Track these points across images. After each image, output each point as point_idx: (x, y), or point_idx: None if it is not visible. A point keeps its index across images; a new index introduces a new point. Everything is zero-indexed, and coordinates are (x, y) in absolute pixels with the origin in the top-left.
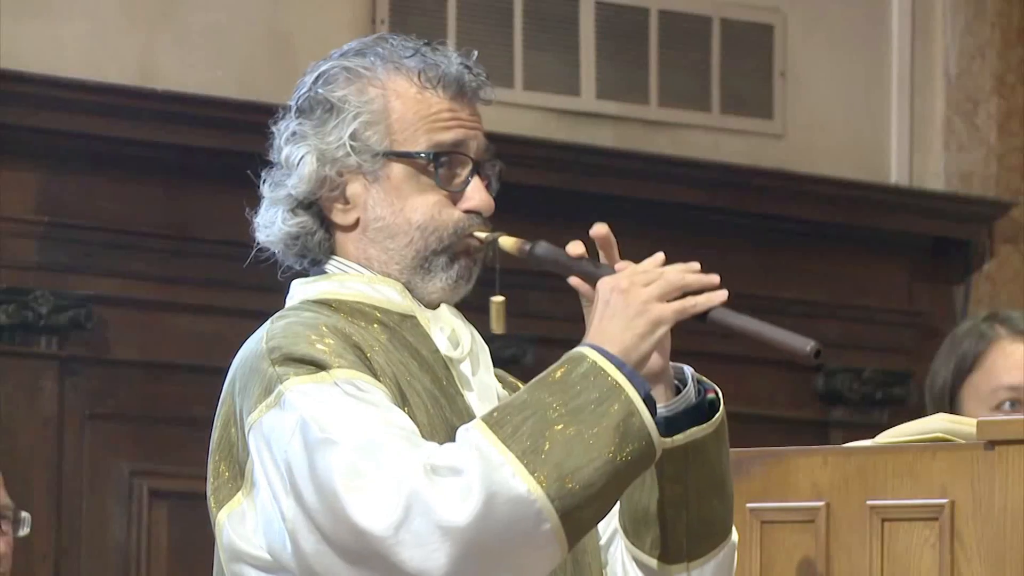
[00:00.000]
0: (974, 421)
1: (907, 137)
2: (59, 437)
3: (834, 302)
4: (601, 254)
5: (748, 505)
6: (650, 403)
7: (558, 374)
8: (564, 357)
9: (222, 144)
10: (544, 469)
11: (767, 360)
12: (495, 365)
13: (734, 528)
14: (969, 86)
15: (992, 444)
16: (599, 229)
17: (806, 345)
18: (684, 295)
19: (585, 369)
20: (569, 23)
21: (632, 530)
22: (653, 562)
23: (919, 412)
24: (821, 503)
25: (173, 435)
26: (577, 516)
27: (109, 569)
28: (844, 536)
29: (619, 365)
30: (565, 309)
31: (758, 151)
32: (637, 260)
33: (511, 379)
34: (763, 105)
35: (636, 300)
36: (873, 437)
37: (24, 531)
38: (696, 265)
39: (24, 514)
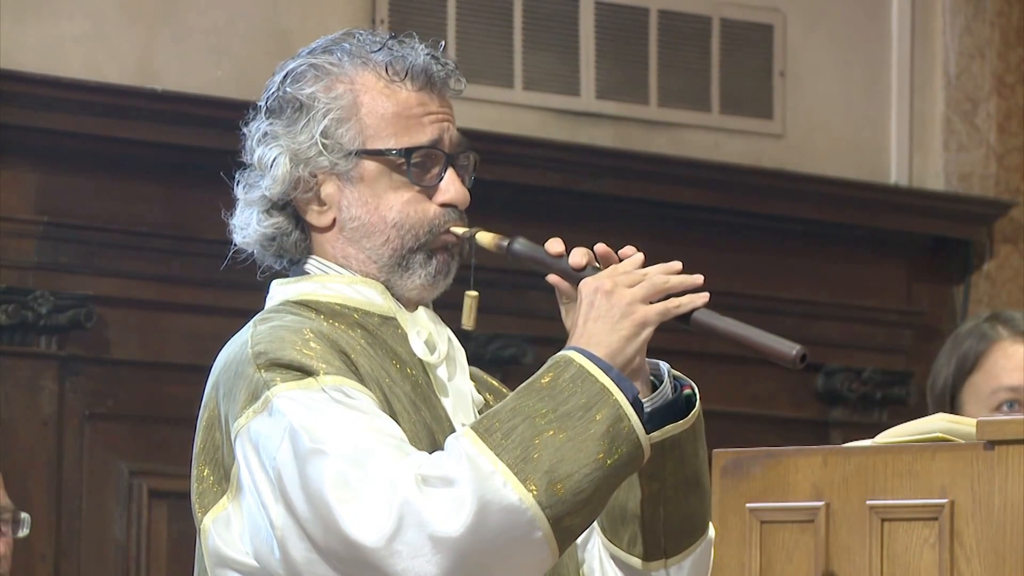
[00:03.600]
0: (974, 421)
1: (907, 137)
2: (59, 437)
3: (834, 302)
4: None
5: (748, 505)
6: (638, 406)
7: (545, 379)
8: (550, 361)
9: (222, 144)
10: (535, 477)
11: (767, 360)
12: (495, 365)
13: (711, 524)
14: (969, 86)
15: (992, 444)
16: (601, 247)
17: (791, 350)
18: (667, 296)
19: (572, 374)
20: (569, 23)
21: (609, 527)
22: (631, 559)
23: (919, 412)
24: (821, 503)
25: (173, 435)
26: (568, 522)
27: (109, 569)
28: (844, 536)
29: (606, 369)
30: None
31: (758, 151)
32: None
33: (487, 378)
34: (763, 105)
35: (621, 302)
36: (873, 437)
37: (24, 532)
38: (678, 265)
39: (24, 515)
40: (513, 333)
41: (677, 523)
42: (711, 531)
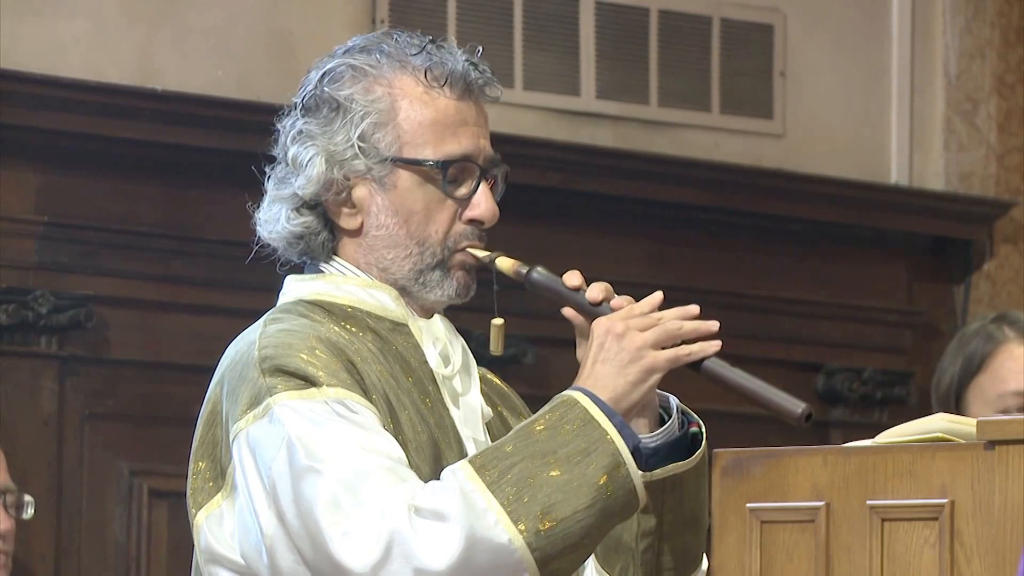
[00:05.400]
0: (974, 421)
1: (907, 137)
2: (59, 437)
3: (834, 302)
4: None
5: (748, 505)
6: (638, 455)
7: (548, 419)
8: (556, 400)
9: (222, 144)
10: (526, 519)
11: (767, 360)
12: (495, 365)
13: (704, 558)
14: (969, 86)
15: (992, 444)
16: (596, 292)
17: (797, 408)
18: (680, 342)
19: (575, 416)
20: (569, 23)
21: (603, 556)
22: None
23: (919, 412)
24: (821, 503)
25: (173, 435)
26: (554, 566)
27: (109, 569)
28: (844, 536)
29: (609, 415)
30: None
31: (758, 151)
32: (636, 259)
33: (497, 382)
34: (763, 105)
35: (631, 346)
36: (873, 437)
37: (28, 514)
38: (694, 309)
39: (27, 497)
40: (513, 333)
41: (671, 559)
42: (704, 564)
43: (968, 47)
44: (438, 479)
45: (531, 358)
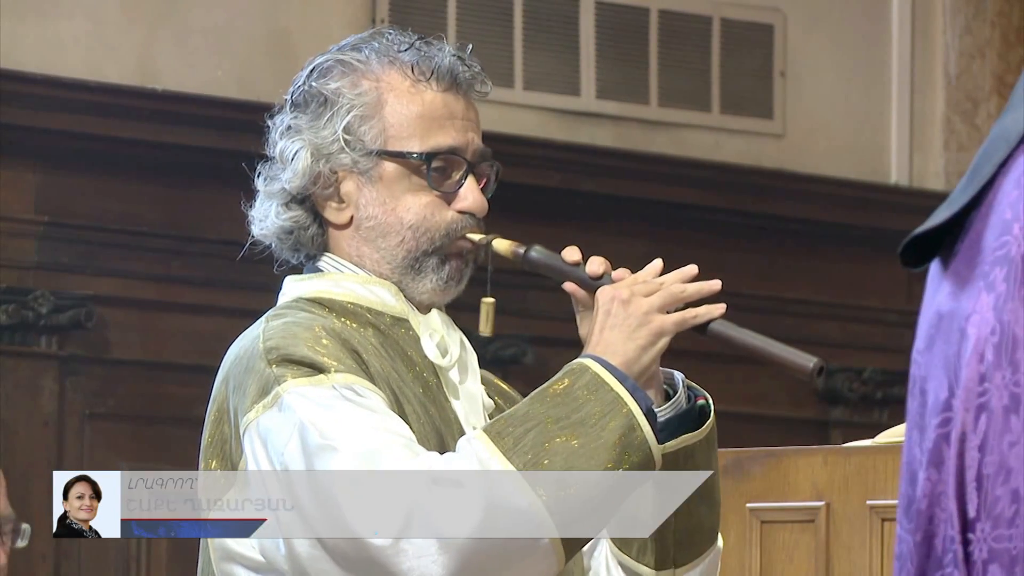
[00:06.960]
0: None
1: (907, 137)
2: (59, 437)
3: (834, 302)
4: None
5: (748, 505)
6: (651, 417)
7: (560, 386)
8: (566, 368)
9: (222, 144)
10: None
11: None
12: (495, 365)
13: (719, 535)
14: (969, 86)
15: None
16: (596, 265)
17: (808, 362)
18: (685, 305)
19: (587, 381)
20: (569, 23)
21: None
22: (640, 568)
23: None
24: (821, 503)
25: (173, 435)
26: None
27: (109, 569)
28: (844, 536)
29: (621, 378)
30: (565, 309)
31: (758, 151)
32: (636, 259)
33: (497, 381)
34: (763, 105)
35: (638, 311)
36: (873, 437)
37: (23, 543)
38: (693, 270)
39: (24, 526)
40: (513, 333)
41: (687, 533)
42: (720, 541)
43: (968, 47)
44: None
45: (531, 358)
